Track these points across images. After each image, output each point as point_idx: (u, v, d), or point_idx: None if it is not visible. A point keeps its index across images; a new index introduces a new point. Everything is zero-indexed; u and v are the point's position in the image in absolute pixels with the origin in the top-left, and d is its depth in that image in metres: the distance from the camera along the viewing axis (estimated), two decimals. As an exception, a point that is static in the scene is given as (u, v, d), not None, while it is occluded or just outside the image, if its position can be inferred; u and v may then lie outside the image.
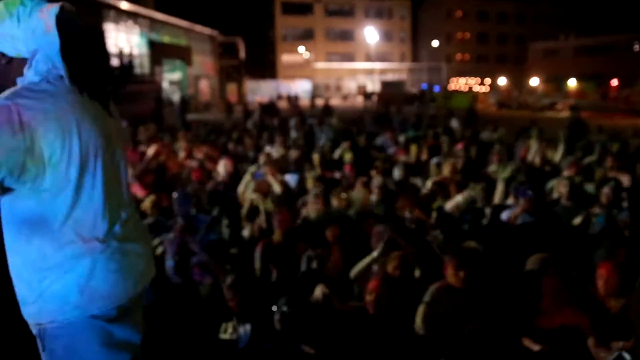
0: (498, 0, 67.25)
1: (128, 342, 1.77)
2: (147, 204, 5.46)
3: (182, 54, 33.26)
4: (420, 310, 3.49)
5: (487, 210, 5.69)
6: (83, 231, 1.64)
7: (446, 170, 7.05)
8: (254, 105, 25.99)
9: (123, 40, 25.98)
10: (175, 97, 31.15)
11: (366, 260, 4.08)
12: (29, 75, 1.62)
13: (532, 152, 8.42)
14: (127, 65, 24.74)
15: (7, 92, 1.55)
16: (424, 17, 67.97)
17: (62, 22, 1.63)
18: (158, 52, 30.03)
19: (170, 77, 33.90)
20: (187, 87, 34.56)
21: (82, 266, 1.64)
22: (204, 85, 38.27)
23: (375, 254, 4.05)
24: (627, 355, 2.65)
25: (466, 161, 8.29)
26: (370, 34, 54.26)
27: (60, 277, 1.62)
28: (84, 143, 1.60)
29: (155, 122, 16.61)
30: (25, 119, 1.50)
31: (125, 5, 26.41)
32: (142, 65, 27.75)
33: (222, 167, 7.04)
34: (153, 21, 30.74)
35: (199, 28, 37.44)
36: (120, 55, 24.69)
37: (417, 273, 4.14)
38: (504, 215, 5.38)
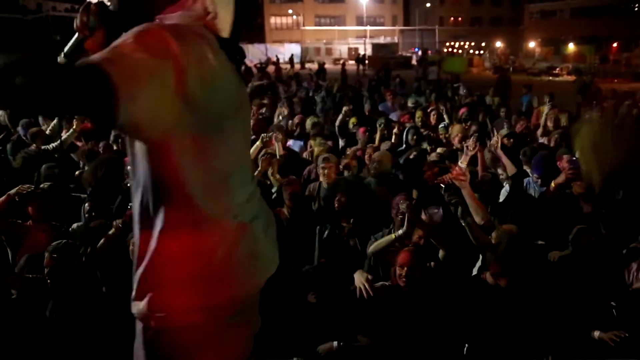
0: (492, -40, 65.73)
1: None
2: None
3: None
4: None
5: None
6: (213, 205, 1.45)
7: (456, 136, 6.68)
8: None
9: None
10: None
11: (387, 239, 3.86)
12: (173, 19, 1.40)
13: (545, 116, 8.15)
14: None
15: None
16: (417, -23, 66.26)
17: None
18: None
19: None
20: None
21: (214, 248, 1.45)
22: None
23: (400, 232, 3.80)
24: None
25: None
26: (362, -5, 52.87)
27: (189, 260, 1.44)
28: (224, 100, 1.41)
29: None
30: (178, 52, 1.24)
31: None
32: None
33: None
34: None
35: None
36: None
37: (440, 254, 3.92)
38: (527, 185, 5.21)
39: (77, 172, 4.75)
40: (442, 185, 3.94)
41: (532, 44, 51.60)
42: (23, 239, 3.96)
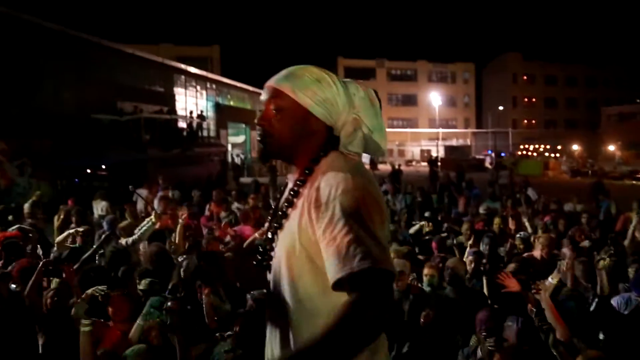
0: (565, 63, 65.97)
1: None
2: None
3: (247, 117, 33.90)
4: None
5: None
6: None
7: (543, 246, 6.18)
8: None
9: (191, 103, 27.16)
10: (238, 160, 31.69)
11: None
12: (345, 146, 1.62)
13: (633, 226, 7.60)
14: (194, 128, 25.16)
15: (350, 171, 1.50)
16: (489, 81, 67.17)
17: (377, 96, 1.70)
18: (224, 115, 30.93)
19: (234, 140, 34.43)
20: (251, 150, 34.99)
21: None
22: (267, 148, 38.67)
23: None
24: None
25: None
26: (434, 99, 53.91)
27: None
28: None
29: (220, 184, 16.80)
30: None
31: (194, 70, 27.72)
32: (208, 127, 28.37)
33: None
34: (220, 85, 32.02)
35: (264, 92, 38.48)
36: (189, 117, 25.30)
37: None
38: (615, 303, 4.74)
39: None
40: (533, 309, 3.69)
41: (611, 147, 50.09)
42: (102, 338, 4.03)
